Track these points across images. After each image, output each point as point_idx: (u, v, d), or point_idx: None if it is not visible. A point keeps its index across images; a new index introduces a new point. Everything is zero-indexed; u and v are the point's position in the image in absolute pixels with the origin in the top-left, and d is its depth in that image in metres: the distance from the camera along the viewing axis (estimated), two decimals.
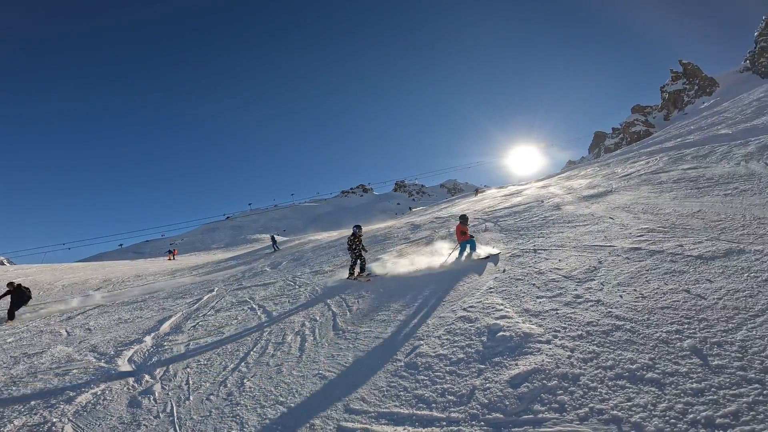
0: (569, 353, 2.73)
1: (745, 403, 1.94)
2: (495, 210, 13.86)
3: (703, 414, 1.93)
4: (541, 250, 6.47)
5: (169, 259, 32.14)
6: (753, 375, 2.13)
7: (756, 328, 2.58)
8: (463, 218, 8.07)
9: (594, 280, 4.24)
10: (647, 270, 4.18)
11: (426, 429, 2.34)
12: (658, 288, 3.62)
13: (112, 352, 5.66)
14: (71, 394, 4.06)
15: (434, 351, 3.35)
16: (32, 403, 3.89)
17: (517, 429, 2.11)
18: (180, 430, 3.00)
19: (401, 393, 2.84)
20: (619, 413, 2.04)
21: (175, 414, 3.29)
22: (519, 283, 4.89)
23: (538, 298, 4.17)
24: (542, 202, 12.52)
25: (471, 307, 4.30)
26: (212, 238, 71.63)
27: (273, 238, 22.46)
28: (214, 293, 10.04)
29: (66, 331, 7.84)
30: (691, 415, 1.92)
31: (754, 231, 4.65)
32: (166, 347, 5.62)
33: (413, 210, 37.27)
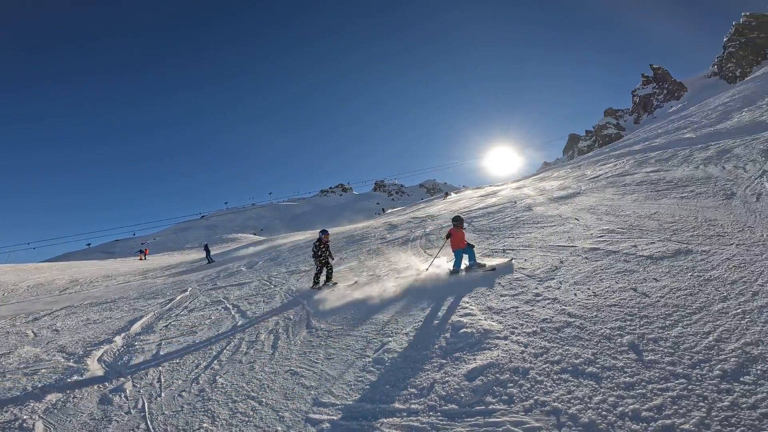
0: (523, 348, 2.96)
1: (669, 397, 2.18)
2: (470, 210, 14.20)
3: (631, 407, 2.16)
4: (510, 250, 6.76)
5: (140, 259, 31.34)
6: (681, 370, 2.38)
7: (691, 325, 2.86)
8: (458, 220, 6.62)
9: (554, 279, 4.52)
10: (602, 269, 4.49)
11: (387, 419, 2.52)
12: (609, 287, 3.91)
13: (81, 352, 5.61)
14: (41, 392, 4.06)
15: (401, 347, 3.54)
16: (1, 401, 3.87)
17: (469, 419, 2.32)
18: (152, 424, 3.08)
19: (367, 387, 3.02)
20: (559, 405, 2.26)
21: (147, 410, 3.36)
22: (486, 284, 5.13)
23: (501, 296, 4.42)
24: (515, 203, 12.94)
25: (439, 306, 4.51)
26: (186, 238, 70.02)
27: (206, 248, 20.97)
28: (188, 293, 9.97)
29: (32, 332, 7.69)
30: (621, 408, 2.15)
31: (703, 232, 5.04)
32: (137, 347, 5.62)
33: (387, 212, 37.53)
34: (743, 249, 4.03)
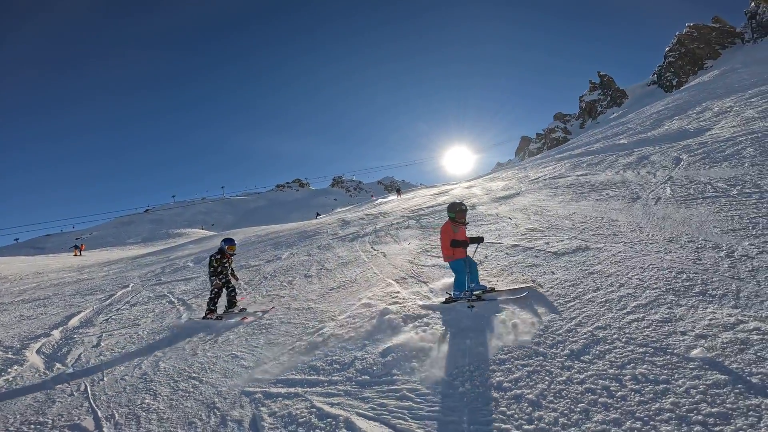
0: (432, 332, 3.55)
1: (526, 371, 2.70)
2: (420, 208, 14.94)
3: (497, 379, 2.71)
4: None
5: (76, 255, 29.67)
6: (542, 349, 2.94)
7: (564, 311, 3.52)
8: (458, 210, 4.76)
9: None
10: (515, 263, 5.20)
11: (312, 388, 3.00)
12: (515, 279, 4.61)
13: (18, 345, 5.62)
14: None
15: (333, 332, 4.02)
16: None
17: (376, 387, 2.84)
18: (95, 403, 3.35)
19: (299, 364, 3.47)
20: (446, 377, 2.82)
21: (90, 392, 3.61)
22: (424, 276, 5.72)
23: (431, 289, 5.03)
24: (462, 201, 13.78)
25: (374, 296, 5.03)
26: (128, 233, 66.30)
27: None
28: (129, 288, 9.89)
29: None
30: (491, 381, 2.72)
31: (603, 232, 5.91)
32: (77, 339, 5.71)
33: (320, 216, 37.71)
34: (628, 246, 4.87)
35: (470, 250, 4.98)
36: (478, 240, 4.80)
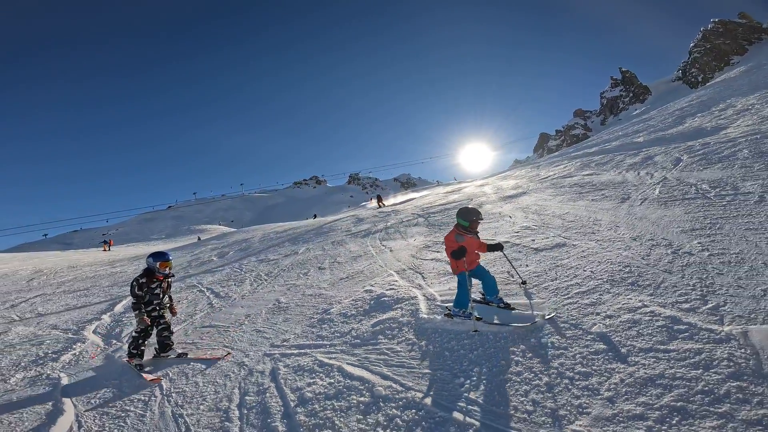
0: (414, 310, 4.44)
1: (475, 339, 3.62)
2: (432, 206, 15.75)
3: (452, 344, 3.58)
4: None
5: (105, 250, 31.57)
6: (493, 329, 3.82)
7: (523, 296, 4.34)
8: (473, 219, 4.43)
9: None
10: (500, 258, 6.00)
11: (317, 349, 3.94)
12: (493, 271, 5.43)
13: (75, 328, 6.73)
14: (54, 355, 5.23)
15: (338, 311, 4.95)
16: (22, 364, 5.04)
17: (364, 347, 3.77)
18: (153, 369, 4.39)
19: (309, 334, 4.42)
20: (415, 339, 3.69)
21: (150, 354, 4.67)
22: (421, 269, 6.58)
23: (426, 279, 5.89)
24: (471, 200, 14.57)
25: (375, 284, 5.93)
26: (151, 229, 69.27)
27: None
28: None
29: (17, 316, 8.60)
30: (440, 340, 3.59)
31: (584, 230, 6.62)
32: (125, 321, 6.80)
33: (317, 216, 38.41)
34: (598, 243, 5.60)
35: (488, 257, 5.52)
36: (497, 247, 4.51)
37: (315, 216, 43.64)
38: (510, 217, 9.39)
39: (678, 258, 4.30)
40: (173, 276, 5.41)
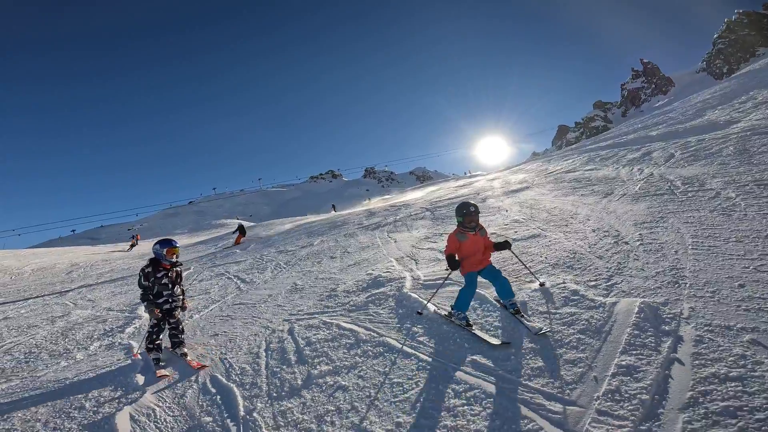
0: (400, 286, 5.66)
1: (440, 311, 4.83)
2: (440, 200, 16.90)
3: (411, 322, 4.82)
4: (444, 234, 9.41)
5: (133, 244, 33.83)
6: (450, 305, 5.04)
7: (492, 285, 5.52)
8: (465, 212, 4.40)
9: None
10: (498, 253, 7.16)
11: (323, 315, 5.27)
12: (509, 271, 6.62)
13: (128, 309, 8.22)
14: (119, 329, 6.69)
15: (342, 290, 6.25)
16: (95, 336, 6.52)
17: (357, 312, 5.07)
18: (201, 334, 5.75)
19: (319, 306, 5.73)
20: (395, 306, 4.93)
21: (195, 324, 6.11)
22: (416, 256, 7.80)
23: (419, 264, 7.11)
24: (478, 194, 15.67)
25: (376, 269, 7.19)
26: (174, 224, 72.50)
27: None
28: (191, 270, 12.59)
29: (71, 302, 10.18)
30: (411, 308, 4.81)
31: (559, 222, 7.67)
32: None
33: (336, 209, 39.11)
34: (565, 234, 6.70)
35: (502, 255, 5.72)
36: (503, 246, 4.38)
37: (334, 207, 45.12)
38: (506, 210, 10.47)
39: (615, 246, 5.41)
40: (181, 265, 5.32)
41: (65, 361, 5.52)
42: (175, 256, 5.04)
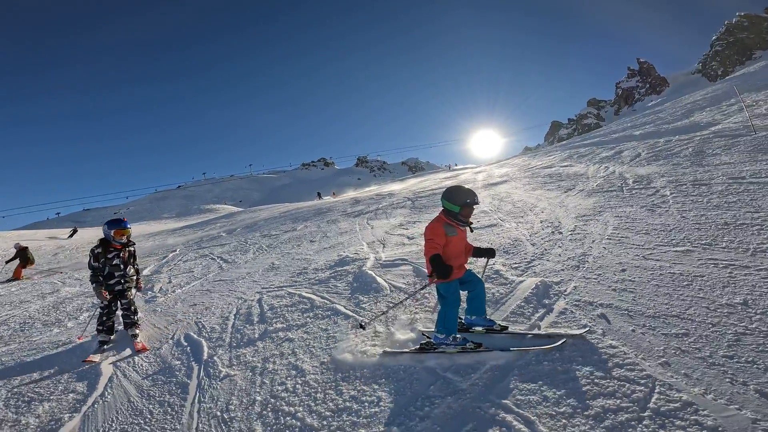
0: (362, 265, 6.45)
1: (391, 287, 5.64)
2: (423, 191, 17.66)
3: (374, 285, 5.62)
4: (418, 222, 10.21)
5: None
6: (403, 285, 5.83)
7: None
8: (467, 202, 3.46)
9: (414, 238, 8.01)
10: None
11: (290, 287, 6.06)
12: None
13: None
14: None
15: (312, 268, 7.04)
16: (83, 308, 7.32)
17: (320, 285, 5.87)
18: (181, 304, 6.53)
19: (289, 281, 6.52)
20: (352, 282, 5.72)
21: (177, 297, 6.88)
22: (386, 241, 8.58)
23: (385, 248, 7.90)
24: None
25: (347, 251, 7.97)
26: (162, 207, 72.84)
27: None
28: (177, 252, 13.31)
29: (59, 281, 10.75)
30: (365, 284, 5.61)
31: (518, 214, 8.45)
32: (153, 279, 9.03)
33: (323, 197, 39.80)
34: (517, 224, 7.51)
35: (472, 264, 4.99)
36: (488, 253, 3.80)
37: (319, 194, 45.65)
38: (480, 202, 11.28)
39: (550, 236, 6.24)
40: (134, 245, 5.45)
41: (57, 329, 6.28)
42: (125, 237, 5.12)
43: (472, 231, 3.65)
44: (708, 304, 3.32)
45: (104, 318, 4.97)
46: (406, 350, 3.53)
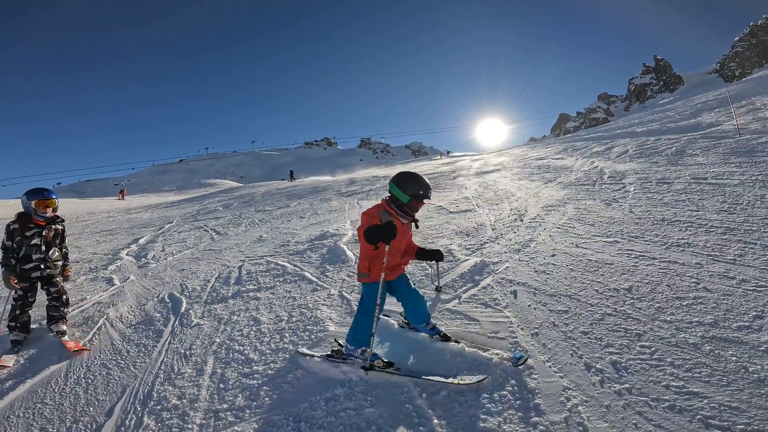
0: (338, 240, 7.15)
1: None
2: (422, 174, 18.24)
3: (345, 255, 6.32)
4: None
5: (119, 199, 35.30)
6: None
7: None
8: (418, 194, 3.21)
9: None
10: (426, 218, 8.59)
11: (270, 257, 6.78)
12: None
13: (112, 253, 9.67)
14: (102, 267, 8.18)
15: (296, 241, 7.75)
16: (82, 272, 8.09)
17: (296, 255, 6.61)
18: (169, 269, 7.29)
19: (271, 252, 7.23)
20: (326, 254, 6.42)
21: (164, 265, 7.65)
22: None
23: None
24: (454, 172, 17.08)
25: (330, 227, 8.65)
26: (162, 180, 73.86)
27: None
28: (173, 224, 14.04)
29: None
30: (338, 255, 6.31)
31: (495, 201, 9.07)
32: (148, 248, 9.76)
33: (295, 179, 37.56)
34: (490, 210, 8.14)
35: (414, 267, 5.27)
36: (434, 256, 3.55)
37: (291, 174, 41.84)
38: (466, 188, 11.90)
39: (512, 222, 6.90)
40: (62, 221, 4.64)
41: None
42: (50, 210, 4.34)
43: (417, 227, 3.43)
44: (600, 287, 3.98)
45: (17, 312, 4.18)
46: (317, 355, 3.41)
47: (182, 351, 3.98)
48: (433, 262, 3.76)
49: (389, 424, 2.58)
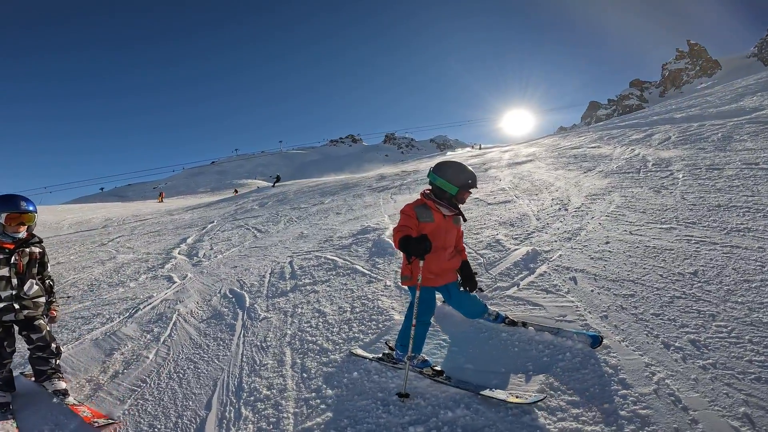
0: (380, 233, 7.24)
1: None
2: None
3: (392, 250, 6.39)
4: None
5: (159, 201, 36.67)
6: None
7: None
8: (467, 183, 3.03)
9: None
10: (465, 210, 8.59)
11: (317, 252, 6.95)
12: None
13: (164, 253, 10.13)
14: (160, 265, 8.56)
15: (338, 236, 7.91)
16: (141, 270, 8.44)
17: (342, 249, 6.76)
18: (222, 266, 7.58)
19: (316, 247, 7.42)
20: (372, 247, 6.51)
21: (217, 261, 7.94)
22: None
23: (389, 217, 8.66)
24: (484, 164, 16.93)
25: (369, 222, 8.77)
26: (197, 182, 76.20)
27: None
28: (215, 223, 14.52)
29: (113, 249, 12.08)
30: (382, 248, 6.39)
31: (533, 192, 8.91)
32: (198, 247, 10.16)
33: (281, 181, 35.43)
34: (530, 201, 8.02)
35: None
36: (469, 283, 3.25)
37: (278, 178, 37.01)
38: (500, 180, 11.78)
39: (556, 212, 6.81)
40: (39, 241, 3.40)
41: (122, 288, 7.37)
42: (24, 229, 3.15)
43: (465, 220, 3.17)
44: (663, 272, 3.93)
45: (2, 363, 3.11)
46: (369, 356, 3.33)
47: (258, 343, 4.19)
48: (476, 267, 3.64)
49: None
